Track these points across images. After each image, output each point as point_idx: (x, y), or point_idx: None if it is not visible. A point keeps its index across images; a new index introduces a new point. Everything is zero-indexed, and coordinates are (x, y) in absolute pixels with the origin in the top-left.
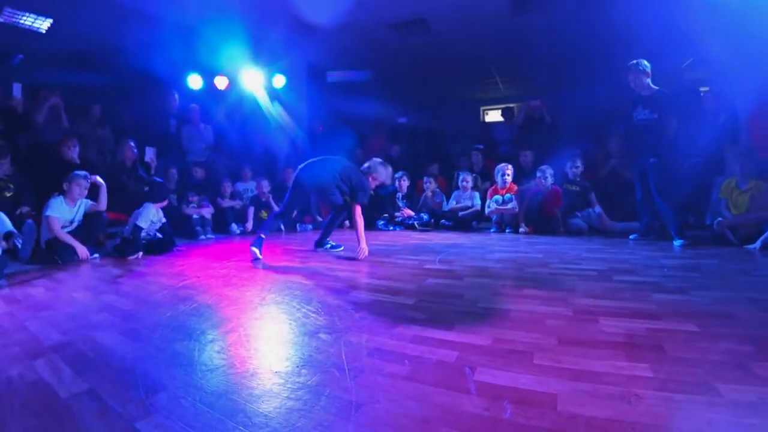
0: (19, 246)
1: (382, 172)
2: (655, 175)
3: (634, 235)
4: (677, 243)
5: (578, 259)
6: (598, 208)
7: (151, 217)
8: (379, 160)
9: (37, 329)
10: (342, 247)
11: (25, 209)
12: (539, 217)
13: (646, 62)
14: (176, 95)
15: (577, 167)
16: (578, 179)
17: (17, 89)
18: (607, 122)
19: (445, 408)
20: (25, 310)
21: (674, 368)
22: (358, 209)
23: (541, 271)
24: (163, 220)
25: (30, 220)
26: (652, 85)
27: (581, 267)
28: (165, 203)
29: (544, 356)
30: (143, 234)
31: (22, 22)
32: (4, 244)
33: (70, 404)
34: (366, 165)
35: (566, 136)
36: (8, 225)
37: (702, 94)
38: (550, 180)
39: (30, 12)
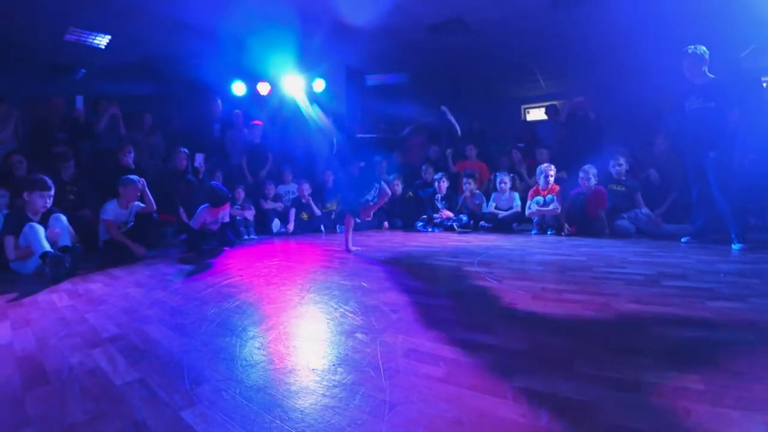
0: (67, 266)
1: None
2: (716, 172)
3: (687, 238)
4: (736, 247)
5: (624, 263)
6: (645, 210)
7: (203, 219)
8: None
9: (95, 321)
10: None
11: (87, 212)
12: (582, 218)
13: (704, 48)
14: (219, 101)
15: (620, 165)
16: (623, 178)
17: (80, 101)
18: (654, 118)
19: (480, 412)
20: (85, 303)
21: (730, 382)
22: None
23: (584, 275)
24: (226, 219)
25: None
26: (709, 74)
27: (627, 271)
28: (224, 207)
29: (585, 363)
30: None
31: (84, 39)
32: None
33: (123, 391)
34: None
35: (611, 134)
36: (67, 239)
37: (765, 85)
38: (593, 180)
39: (92, 30)
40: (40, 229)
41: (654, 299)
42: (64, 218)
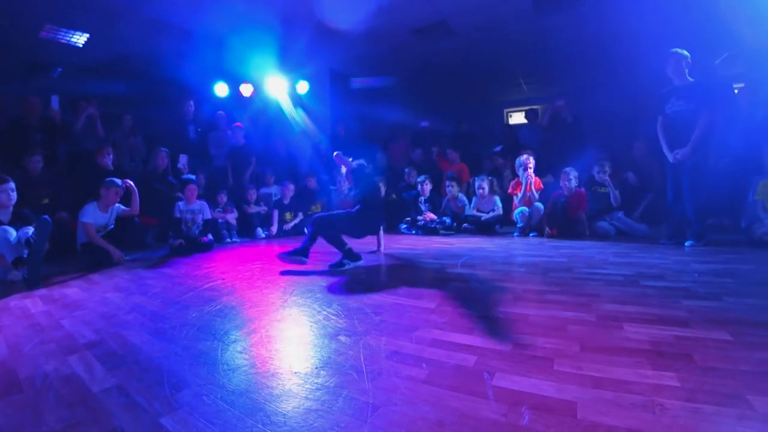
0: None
1: None
2: (689, 175)
3: (665, 240)
4: (688, 243)
5: (604, 264)
6: (620, 212)
7: (179, 209)
8: None
9: (71, 327)
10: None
11: (64, 214)
12: (563, 220)
13: (686, 52)
14: (191, 103)
15: (605, 172)
16: (606, 182)
17: (55, 101)
18: (634, 122)
19: (462, 413)
20: (61, 309)
21: (703, 378)
22: None
23: (564, 276)
24: (207, 216)
25: (46, 216)
26: (689, 77)
27: (607, 272)
28: (190, 193)
29: (564, 363)
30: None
31: (61, 37)
32: (15, 272)
33: (100, 398)
34: None
35: (591, 137)
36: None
37: (736, 91)
38: (574, 182)
39: (69, 28)
40: (12, 233)
41: (632, 299)
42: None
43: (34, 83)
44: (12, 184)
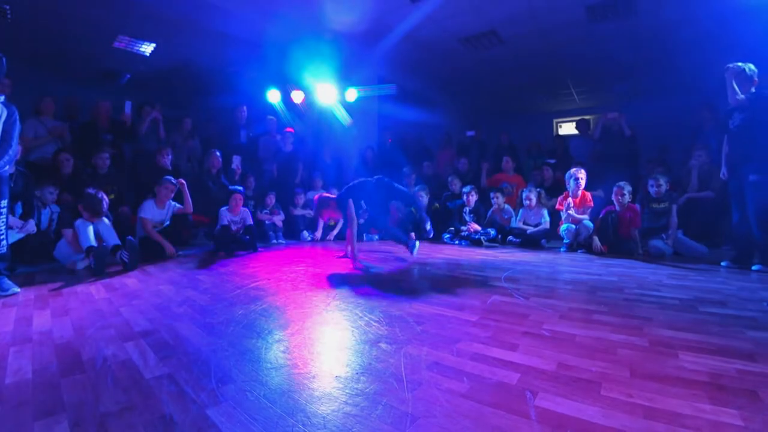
0: (126, 260)
1: None
2: (755, 196)
3: (726, 262)
4: (756, 267)
5: (658, 285)
6: (678, 231)
7: (224, 218)
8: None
9: (128, 315)
10: None
11: (125, 209)
12: (615, 237)
13: (752, 66)
14: (244, 108)
15: (660, 185)
16: (662, 197)
17: (128, 106)
18: (692, 136)
19: (503, 431)
20: (121, 297)
21: None
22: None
23: (614, 296)
24: (249, 221)
25: (131, 238)
26: (752, 89)
27: (661, 294)
28: (235, 203)
29: (613, 388)
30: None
31: (131, 47)
32: (86, 259)
33: (152, 385)
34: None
35: (646, 151)
36: (115, 238)
37: None
38: (627, 197)
39: (139, 38)
40: (89, 226)
41: (690, 326)
42: (107, 221)
43: (104, 89)
44: (104, 207)
